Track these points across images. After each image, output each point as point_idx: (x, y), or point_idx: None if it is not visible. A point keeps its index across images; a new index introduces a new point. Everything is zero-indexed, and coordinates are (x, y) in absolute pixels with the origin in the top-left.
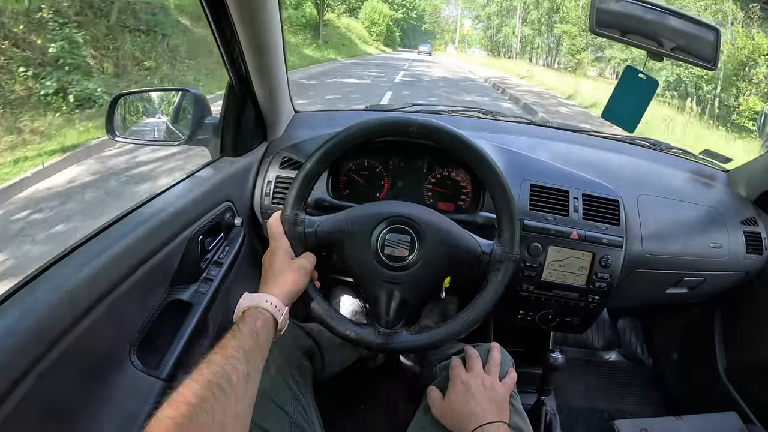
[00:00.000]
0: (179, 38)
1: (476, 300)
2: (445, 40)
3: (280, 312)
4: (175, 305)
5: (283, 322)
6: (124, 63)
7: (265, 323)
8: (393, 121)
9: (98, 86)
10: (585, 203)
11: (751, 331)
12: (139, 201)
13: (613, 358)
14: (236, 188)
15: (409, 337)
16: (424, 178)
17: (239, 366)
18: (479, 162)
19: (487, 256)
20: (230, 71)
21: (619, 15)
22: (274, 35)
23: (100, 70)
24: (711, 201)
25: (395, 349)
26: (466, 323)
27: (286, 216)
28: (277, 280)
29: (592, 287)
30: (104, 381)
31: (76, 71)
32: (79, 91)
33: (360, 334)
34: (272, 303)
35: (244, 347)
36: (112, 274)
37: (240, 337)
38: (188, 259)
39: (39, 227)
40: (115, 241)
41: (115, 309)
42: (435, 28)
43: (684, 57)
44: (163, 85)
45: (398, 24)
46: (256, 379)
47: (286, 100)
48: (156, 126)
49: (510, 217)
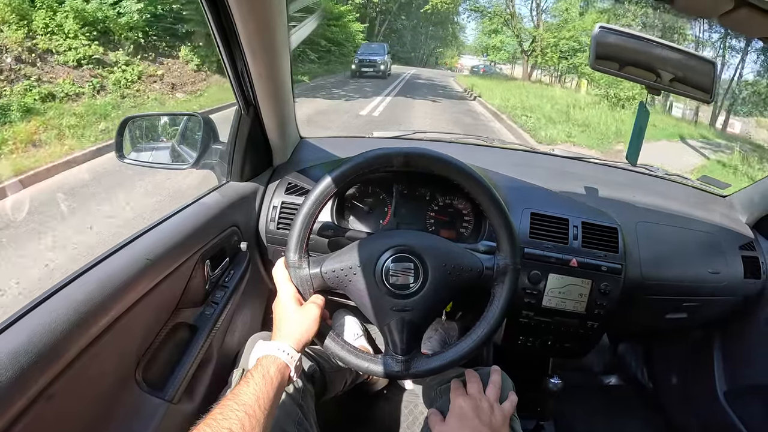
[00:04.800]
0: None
1: (485, 315)
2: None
3: (292, 360)
4: (181, 328)
5: (296, 370)
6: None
7: (278, 371)
8: (380, 155)
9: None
10: (584, 231)
11: (750, 354)
12: (148, 225)
13: (613, 382)
14: (242, 213)
15: (427, 360)
16: (427, 205)
17: (253, 413)
18: (472, 184)
19: (490, 271)
20: (239, 98)
21: (619, 50)
22: (283, 64)
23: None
24: (709, 227)
25: (417, 374)
26: (479, 338)
27: (289, 261)
28: (289, 328)
29: (591, 314)
30: (111, 401)
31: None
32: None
33: (382, 366)
34: (285, 351)
35: (258, 395)
36: (120, 298)
37: (254, 384)
38: (194, 283)
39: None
40: (125, 266)
41: (123, 331)
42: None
43: (682, 90)
44: (174, 110)
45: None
46: (268, 426)
47: (293, 126)
48: (164, 149)
49: (506, 228)
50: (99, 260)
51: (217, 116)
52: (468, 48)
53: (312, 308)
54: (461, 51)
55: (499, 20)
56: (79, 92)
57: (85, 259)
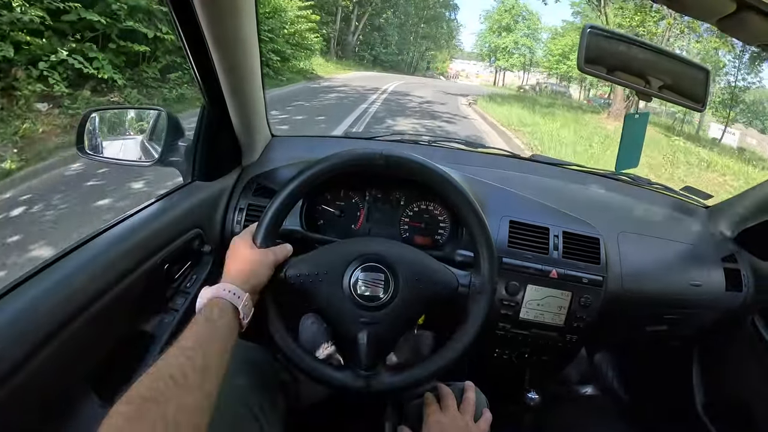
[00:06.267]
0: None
1: (457, 334)
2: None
3: (239, 299)
4: (138, 337)
5: (245, 309)
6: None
7: (222, 312)
8: (359, 155)
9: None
10: (565, 241)
11: (729, 366)
12: (104, 226)
13: (589, 392)
14: (207, 215)
15: (390, 378)
16: (401, 211)
17: (195, 358)
18: (451, 192)
19: (465, 288)
20: (204, 93)
21: (608, 53)
22: (251, 56)
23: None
24: (691, 238)
25: (377, 392)
26: (448, 359)
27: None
28: (238, 267)
29: (570, 327)
30: (62, 416)
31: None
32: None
33: (340, 379)
34: (230, 291)
35: (199, 339)
36: (70, 306)
37: (196, 328)
38: (153, 289)
39: None
40: (75, 271)
41: (74, 341)
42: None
43: (672, 97)
44: (140, 103)
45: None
46: (216, 372)
47: (263, 123)
48: (128, 145)
49: (486, 247)
50: (46, 264)
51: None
52: (461, 51)
53: (269, 253)
54: (453, 54)
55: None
56: None
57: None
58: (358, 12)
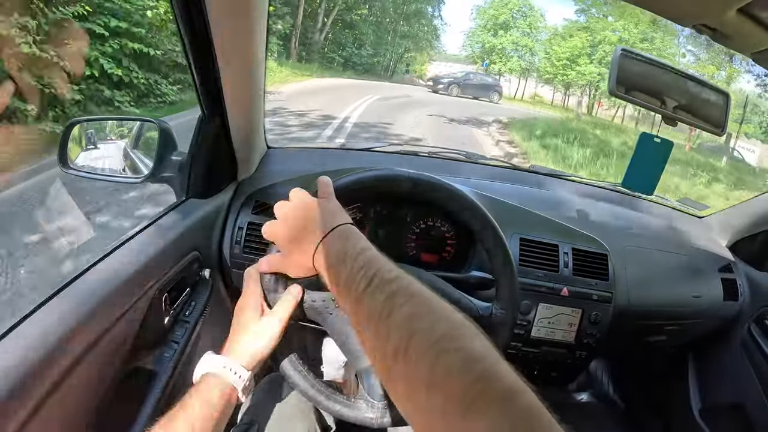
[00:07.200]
0: None
1: None
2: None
3: (241, 380)
4: (137, 375)
5: (244, 391)
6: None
7: (222, 396)
8: (384, 176)
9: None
10: (575, 258)
11: (726, 373)
12: (96, 258)
13: (585, 399)
14: (204, 235)
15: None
16: (407, 228)
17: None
18: (482, 227)
19: (486, 320)
20: (204, 104)
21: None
22: (259, 69)
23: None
24: (690, 249)
25: (395, 423)
26: None
27: (263, 282)
28: (243, 341)
29: (580, 343)
30: None
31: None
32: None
33: (354, 411)
34: (233, 370)
35: (193, 423)
36: (64, 350)
37: (191, 411)
38: (151, 321)
39: None
40: (67, 313)
41: (69, 388)
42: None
43: (694, 121)
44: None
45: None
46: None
47: (260, 134)
48: (115, 158)
49: (510, 280)
50: (36, 307)
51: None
52: (443, 53)
53: (273, 323)
54: (432, 57)
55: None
56: None
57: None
58: (326, 7)
